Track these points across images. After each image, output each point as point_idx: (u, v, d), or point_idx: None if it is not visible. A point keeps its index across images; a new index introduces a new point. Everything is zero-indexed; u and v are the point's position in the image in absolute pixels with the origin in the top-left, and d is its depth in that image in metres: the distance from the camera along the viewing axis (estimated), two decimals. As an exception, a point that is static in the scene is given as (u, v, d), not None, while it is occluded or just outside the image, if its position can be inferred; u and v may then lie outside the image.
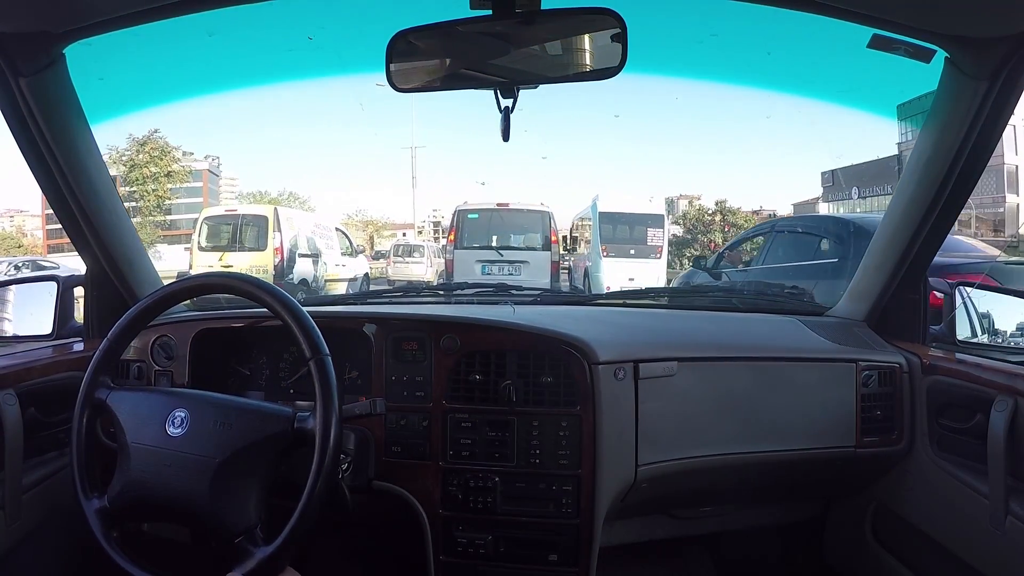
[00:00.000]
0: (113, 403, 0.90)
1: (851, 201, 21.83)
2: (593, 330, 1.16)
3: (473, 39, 0.91)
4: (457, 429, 1.11)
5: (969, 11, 0.87)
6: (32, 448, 1.06)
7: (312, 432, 0.83)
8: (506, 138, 0.96)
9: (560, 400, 1.09)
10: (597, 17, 0.87)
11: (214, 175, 39.32)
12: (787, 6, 0.91)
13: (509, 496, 1.10)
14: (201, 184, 37.72)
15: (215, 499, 0.82)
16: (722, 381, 1.19)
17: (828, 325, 1.34)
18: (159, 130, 21.30)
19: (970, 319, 1.28)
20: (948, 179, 1.07)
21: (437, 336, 1.14)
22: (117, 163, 20.10)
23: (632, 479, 1.13)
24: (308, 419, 0.84)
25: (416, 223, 23.41)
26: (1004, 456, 0.99)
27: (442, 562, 1.12)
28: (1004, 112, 0.98)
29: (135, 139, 20.53)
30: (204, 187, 37.48)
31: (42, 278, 1.35)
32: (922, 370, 1.20)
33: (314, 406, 0.84)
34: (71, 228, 1.19)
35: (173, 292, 0.97)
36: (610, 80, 0.89)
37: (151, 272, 1.32)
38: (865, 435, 1.21)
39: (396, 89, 0.94)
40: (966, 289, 1.28)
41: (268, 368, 1.28)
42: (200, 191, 37.15)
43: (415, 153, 23.33)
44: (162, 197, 21.39)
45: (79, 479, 0.89)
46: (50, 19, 0.92)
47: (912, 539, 1.22)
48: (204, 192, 36.94)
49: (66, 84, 1.04)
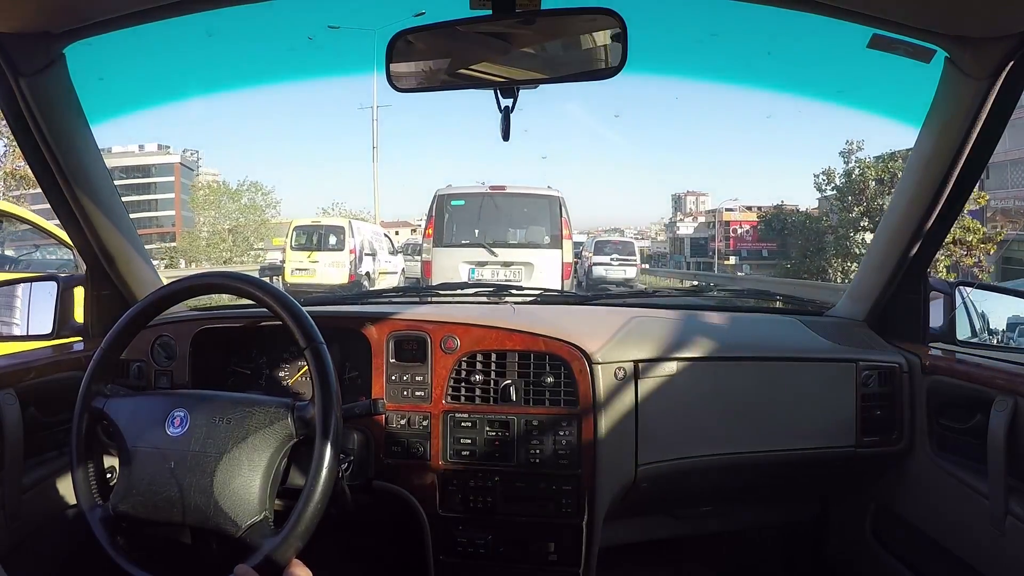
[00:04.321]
0: (111, 411, 0.90)
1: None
2: (593, 330, 1.16)
3: (473, 39, 0.91)
4: (457, 429, 1.11)
5: (969, 11, 0.86)
6: (32, 448, 1.05)
7: (312, 420, 0.83)
8: (506, 138, 0.96)
9: (560, 400, 1.09)
10: (597, 17, 0.87)
11: (187, 168, 39.47)
12: (787, 6, 0.91)
13: (509, 496, 1.10)
14: (173, 178, 38.03)
15: (219, 494, 0.82)
16: (722, 381, 1.19)
17: (828, 325, 1.34)
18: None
19: (970, 319, 1.28)
20: (948, 179, 1.07)
21: (437, 336, 1.14)
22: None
23: (632, 479, 1.13)
24: (307, 407, 0.84)
25: (375, 214, 22.45)
26: (1004, 456, 0.99)
27: (442, 562, 1.12)
28: (1004, 112, 0.98)
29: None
30: (176, 181, 37.73)
31: (42, 278, 1.35)
32: (922, 370, 1.20)
33: (313, 396, 0.84)
34: (71, 228, 1.19)
35: (170, 293, 0.96)
36: (610, 80, 0.89)
37: (151, 272, 1.32)
38: (865, 435, 1.21)
39: (396, 89, 0.94)
40: (966, 289, 1.28)
41: (268, 368, 1.28)
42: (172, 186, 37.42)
43: (376, 114, 21.42)
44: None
45: (80, 488, 0.89)
46: (50, 19, 0.92)
47: (912, 539, 1.22)
48: (176, 186, 37.17)
49: (66, 84, 1.04)
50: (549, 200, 6.44)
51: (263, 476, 0.84)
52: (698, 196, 44.04)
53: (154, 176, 38.18)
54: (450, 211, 6.41)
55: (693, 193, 44.59)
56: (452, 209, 6.43)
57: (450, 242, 6.29)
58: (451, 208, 6.43)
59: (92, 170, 1.13)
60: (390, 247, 12.41)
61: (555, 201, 6.40)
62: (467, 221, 6.41)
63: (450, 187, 6.67)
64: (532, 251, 6.26)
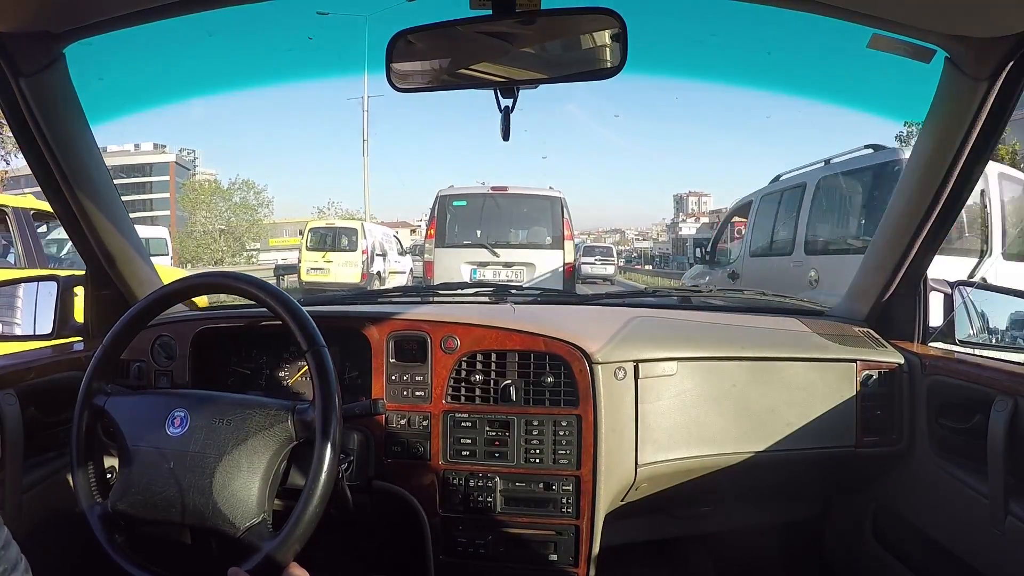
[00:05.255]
0: (111, 409, 0.90)
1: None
2: (593, 330, 1.16)
3: (473, 39, 0.91)
4: (457, 429, 1.11)
5: (969, 11, 0.86)
6: (32, 448, 1.05)
7: (312, 423, 0.83)
8: (506, 138, 0.96)
9: (560, 400, 1.09)
10: (597, 17, 0.87)
11: (183, 168, 39.52)
12: (787, 6, 0.91)
13: (509, 496, 1.10)
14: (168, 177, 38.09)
15: (218, 495, 0.82)
16: (722, 381, 1.19)
17: (828, 325, 1.34)
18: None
19: (970, 319, 1.28)
20: (948, 179, 1.07)
21: (437, 336, 1.14)
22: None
23: (632, 479, 1.13)
24: (308, 410, 0.84)
25: (366, 210, 22.22)
26: (1004, 456, 0.98)
27: (442, 562, 1.12)
28: (1004, 112, 0.98)
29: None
30: (171, 180, 37.79)
31: (42, 278, 1.35)
32: (922, 370, 1.20)
33: (313, 399, 0.84)
34: (71, 228, 1.19)
35: (171, 293, 0.96)
36: (610, 80, 0.89)
37: (151, 272, 1.32)
38: (865, 435, 1.21)
39: (396, 89, 0.94)
40: (966, 289, 1.28)
41: (268, 368, 1.28)
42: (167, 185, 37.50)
43: (367, 104, 21.55)
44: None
45: (80, 486, 0.89)
46: (50, 19, 0.92)
47: (912, 539, 1.22)
48: (171, 185, 37.24)
49: (66, 84, 1.04)
50: (551, 201, 6.41)
51: (262, 478, 0.84)
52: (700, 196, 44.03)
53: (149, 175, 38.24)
54: (452, 212, 6.39)
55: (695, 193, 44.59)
56: (454, 210, 6.40)
57: (452, 242, 6.27)
58: (453, 209, 6.40)
59: (92, 170, 1.13)
60: (399, 248, 13.09)
61: (556, 202, 6.37)
62: (469, 221, 6.39)
63: (452, 188, 6.63)
64: (534, 251, 6.25)
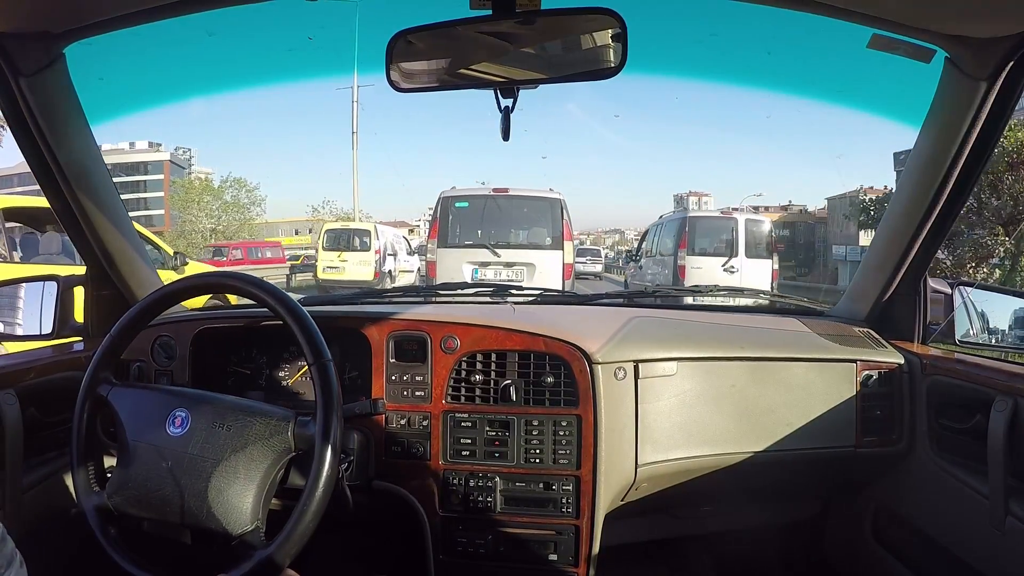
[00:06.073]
0: (114, 400, 0.90)
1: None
2: (593, 330, 1.16)
3: (473, 39, 0.91)
4: (457, 429, 1.11)
5: (969, 11, 0.86)
6: (32, 448, 1.05)
7: (312, 437, 0.83)
8: (506, 138, 0.96)
9: (560, 400, 1.09)
10: (597, 17, 0.86)
11: (177, 166, 39.39)
12: (787, 6, 0.91)
13: (509, 496, 1.10)
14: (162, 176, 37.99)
15: (213, 500, 0.82)
16: (722, 381, 1.19)
17: (828, 325, 1.34)
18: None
19: (970, 319, 1.28)
20: (948, 179, 1.07)
21: (437, 336, 1.14)
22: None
23: (632, 479, 1.13)
24: (308, 424, 0.84)
25: (355, 207, 21.99)
26: (1004, 456, 0.98)
27: (442, 562, 1.12)
28: (1004, 112, 0.98)
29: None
30: (165, 178, 37.72)
31: (42, 278, 1.35)
32: (922, 370, 1.20)
33: (315, 410, 0.84)
34: (71, 228, 1.19)
35: (174, 291, 0.96)
36: (610, 80, 0.89)
37: (151, 272, 1.32)
38: (865, 435, 1.21)
39: (396, 89, 0.94)
40: (966, 289, 1.28)
41: (268, 368, 1.28)
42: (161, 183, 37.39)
43: (356, 94, 20.74)
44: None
45: (78, 474, 0.89)
46: (50, 19, 0.92)
47: (912, 539, 1.22)
48: (165, 184, 37.18)
49: (66, 84, 1.04)
50: (551, 202, 6.52)
51: (258, 487, 0.84)
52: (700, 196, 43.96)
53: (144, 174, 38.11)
54: (454, 212, 6.49)
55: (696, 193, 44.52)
56: (456, 211, 6.51)
57: (454, 243, 6.39)
58: (455, 210, 6.50)
59: (92, 170, 1.13)
60: (408, 248, 13.97)
61: (556, 203, 6.48)
62: (471, 222, 6.51)
63: (454, 189, 6.75)
64: (534, 252, 6.36)
